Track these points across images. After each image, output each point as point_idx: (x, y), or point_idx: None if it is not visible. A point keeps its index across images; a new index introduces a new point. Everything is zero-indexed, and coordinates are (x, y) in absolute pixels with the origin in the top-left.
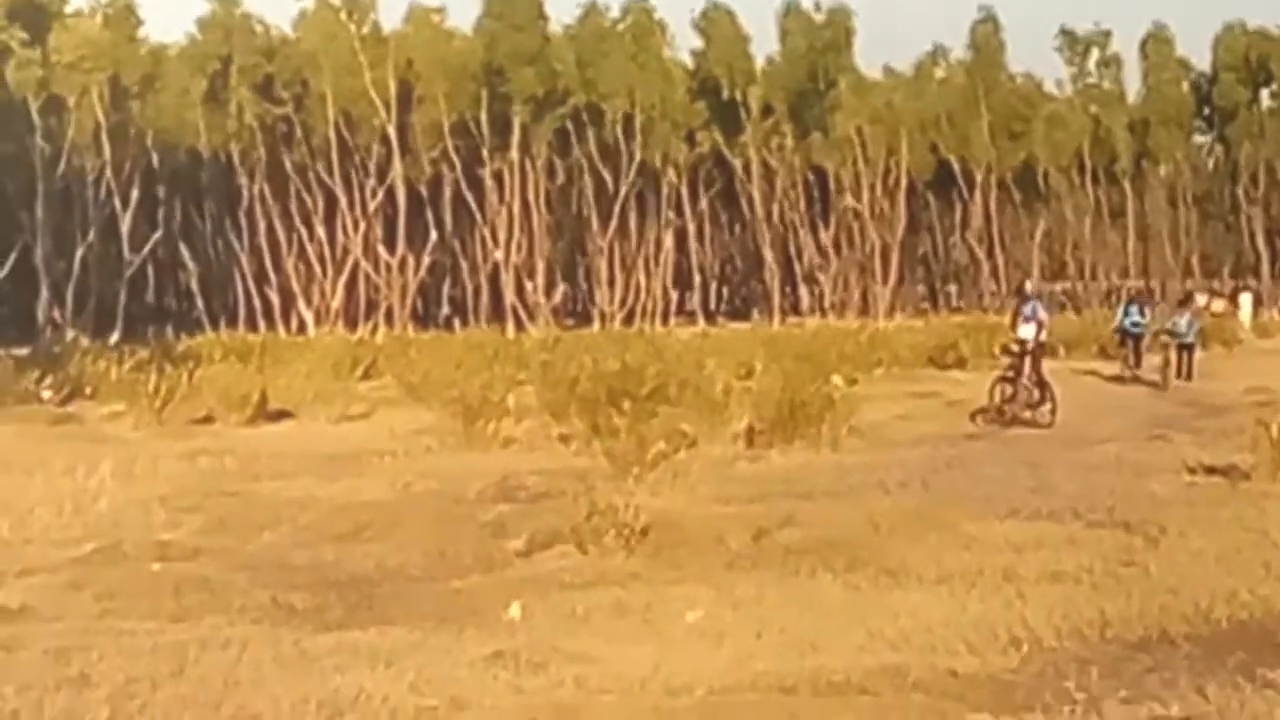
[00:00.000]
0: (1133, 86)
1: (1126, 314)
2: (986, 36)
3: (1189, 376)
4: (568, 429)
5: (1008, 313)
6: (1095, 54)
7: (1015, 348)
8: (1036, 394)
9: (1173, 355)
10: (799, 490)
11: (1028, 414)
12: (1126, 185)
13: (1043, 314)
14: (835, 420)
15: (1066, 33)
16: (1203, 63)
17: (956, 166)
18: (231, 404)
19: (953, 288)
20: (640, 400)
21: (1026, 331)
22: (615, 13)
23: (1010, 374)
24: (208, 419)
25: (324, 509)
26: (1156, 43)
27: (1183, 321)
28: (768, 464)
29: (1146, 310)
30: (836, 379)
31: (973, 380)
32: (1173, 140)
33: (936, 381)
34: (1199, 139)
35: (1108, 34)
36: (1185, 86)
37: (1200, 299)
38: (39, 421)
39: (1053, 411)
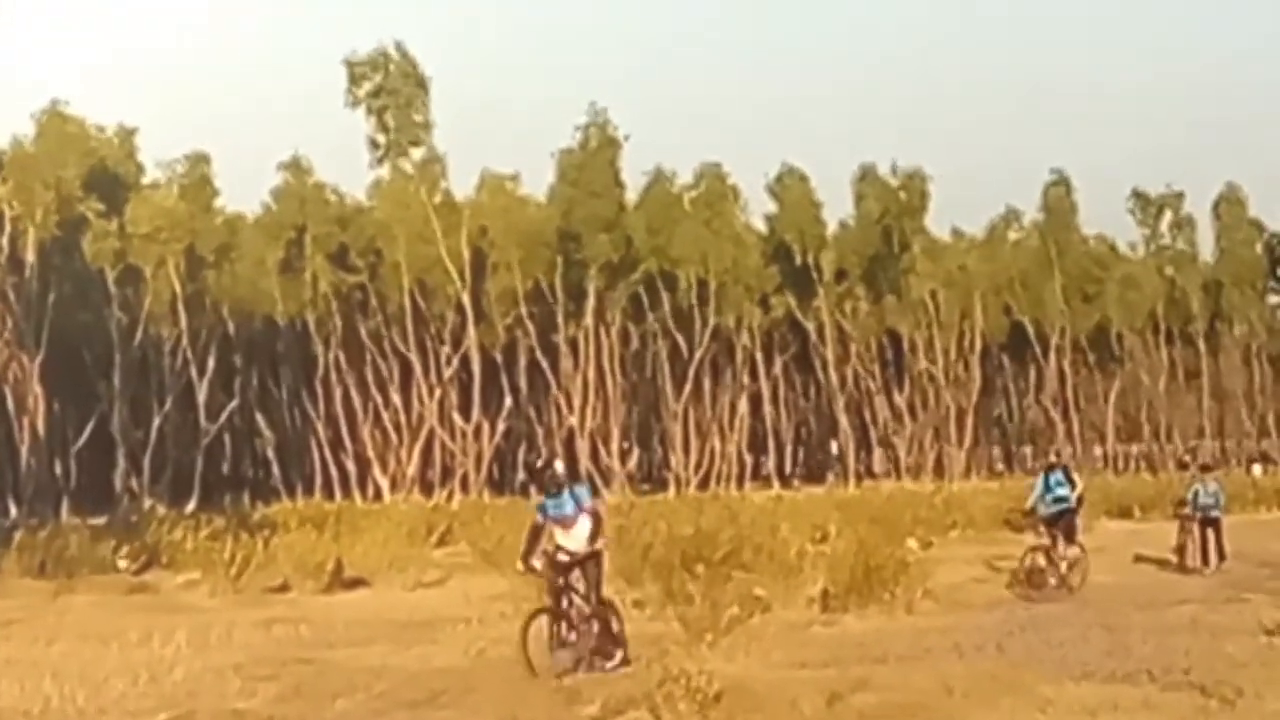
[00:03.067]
0: (1206, 247)
1: (1047, 487)
2: (1059, 198)
3: (1220, 557)
4: (642, 594)
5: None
6: (1168, 215)
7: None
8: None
9: (1195, 531)
10: (873, 654)
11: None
12: (1201, 346)
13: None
14: (910, 583)
15: (1139, 194)
16: (1276, 223)
17: (1030, 329)
18: (307, 572)
19: (1028, 449)
20: (714, 565)
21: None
22: (689, 178)
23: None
24: (283, 587)
25: (398, 676)
26: (1229, 204)
27: (1207, 491)
28: (842, 628)
29: (1075, 479)
30: (911, 542)
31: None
32: (1246, 301)
33: (1012, 544)
34: (1273, 299)
35: (1180, 195)
36: (1259, 247)
37: None
38: (115, 591)
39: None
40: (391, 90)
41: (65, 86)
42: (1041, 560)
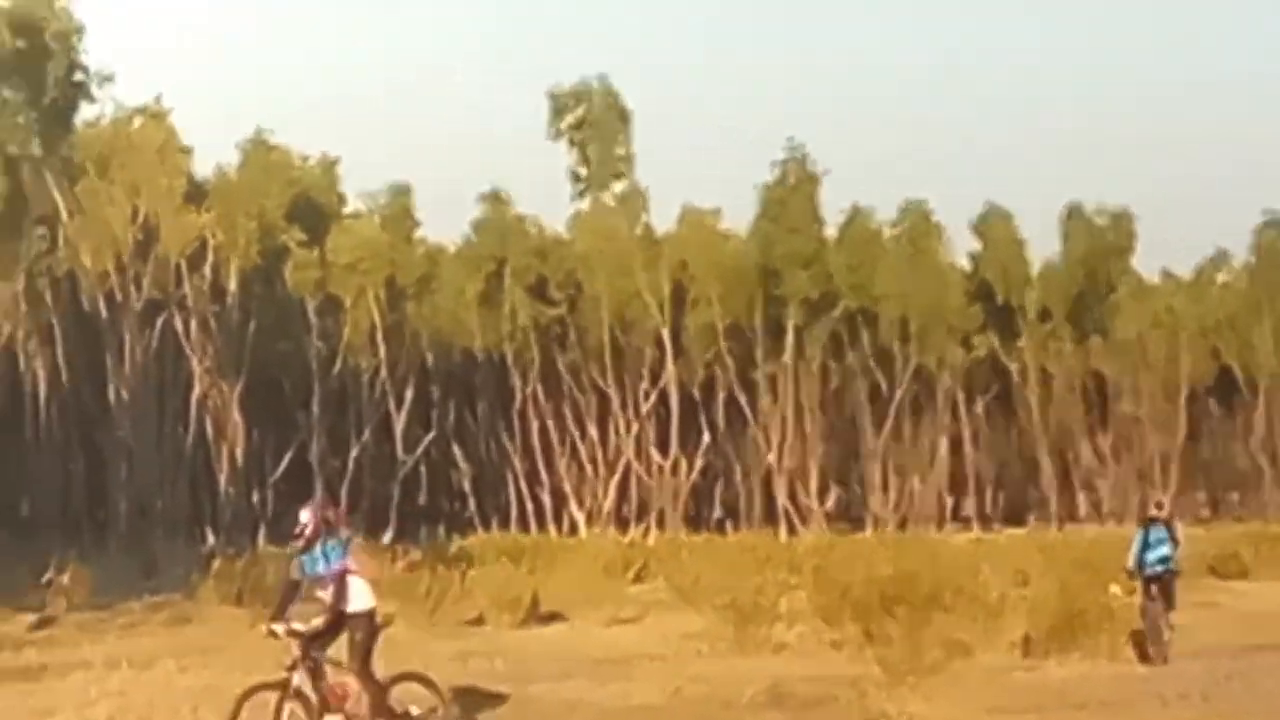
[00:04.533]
0: None
1: (1146, 544)
2: (1270, 241)
3: None
4: (840, 635)
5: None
6: None
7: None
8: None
9: None
10: (1075, 701)
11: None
12: None
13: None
14: (1114, 630)
15: None
16: None
17: (1239, 373)
18: (503, 606)
19: (1234, 496)
20: (914, 607)
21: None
22: (891, 215)
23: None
24: (479, 620)
25: (593, 712)
26: None
27: None
28: (1044, 673)
29: (1178, 536)
30: (1114, 588)
31: (1256, 591)
32: None
33: (1217, 592)
34: None
35: None
36: None
37: None
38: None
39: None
40: (594, 123)
41: (270, 116)
42: (1144, 625)
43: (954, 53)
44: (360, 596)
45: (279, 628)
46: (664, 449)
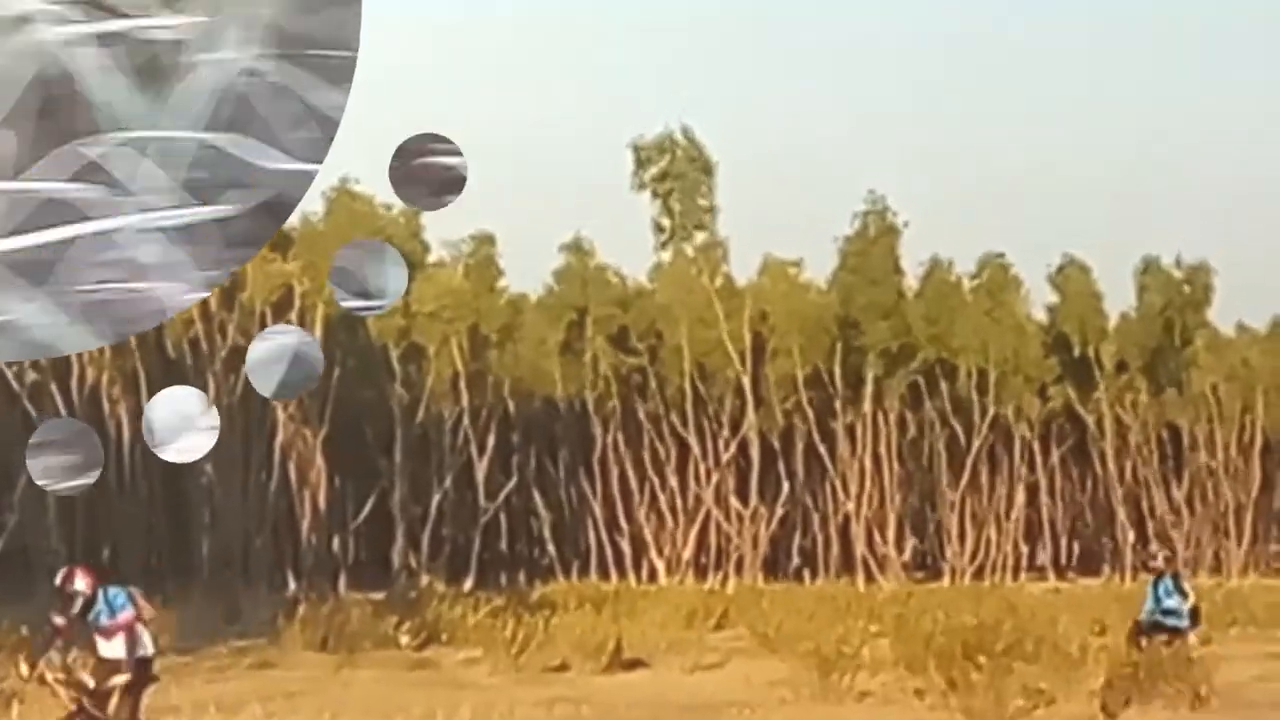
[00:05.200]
0: None
1: (1156, 598)
2: None
3: None
4: (924, 683)
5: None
6: None
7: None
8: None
9: None
10: None
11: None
12: None
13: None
14: (1193, 680)
15: None
16: None
17: None
18: (587, 652)
19: None
20: (996, 656)
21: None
22: (969, 267)
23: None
24: (563, 666)
25: None
26: None
27: None
28: None
29: (1186, 588)
30: (1191, 638)
31: None
32: None
33: None
34: None
35: None
36: None
37: None
38: (397, 666)
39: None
40: (677, 174)
41: (353, 164)
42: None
43: (1032, 109)
44: (145, 644)
45: (52, 675)
46: (744, 497)
